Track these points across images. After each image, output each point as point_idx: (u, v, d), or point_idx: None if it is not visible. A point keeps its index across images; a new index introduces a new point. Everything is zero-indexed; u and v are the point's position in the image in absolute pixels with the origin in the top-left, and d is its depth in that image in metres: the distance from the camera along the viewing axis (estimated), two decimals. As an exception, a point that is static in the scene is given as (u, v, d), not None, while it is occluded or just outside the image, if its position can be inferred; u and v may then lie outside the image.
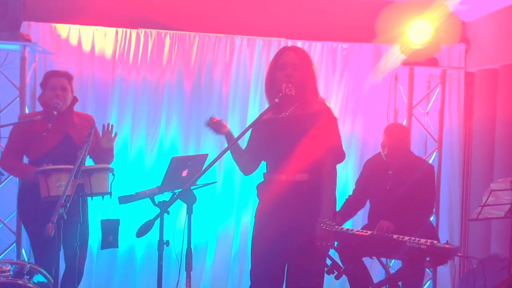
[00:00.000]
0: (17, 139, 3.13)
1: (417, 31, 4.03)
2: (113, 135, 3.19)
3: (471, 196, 4.43)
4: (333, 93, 4.34)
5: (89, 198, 3.12)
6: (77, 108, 3.45)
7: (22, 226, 3.65)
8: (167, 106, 4.16)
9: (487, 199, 3.24)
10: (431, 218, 4.02)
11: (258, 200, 2.68)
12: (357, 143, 4.36)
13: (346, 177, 4.33)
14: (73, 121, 3.19)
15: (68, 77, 3.22)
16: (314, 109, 2.52)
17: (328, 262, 3.42)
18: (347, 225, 3.54)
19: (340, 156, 2.58)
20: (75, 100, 3.26)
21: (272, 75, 2.55)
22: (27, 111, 3.71)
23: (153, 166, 4.15)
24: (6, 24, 3.52)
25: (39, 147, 3.06)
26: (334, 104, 4.34)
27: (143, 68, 4.13)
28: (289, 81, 2.48)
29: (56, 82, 3.14)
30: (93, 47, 4.06)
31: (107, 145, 3.21)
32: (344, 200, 3.70)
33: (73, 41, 4.02)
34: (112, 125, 3.20)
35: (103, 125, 3.19)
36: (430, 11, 4.43)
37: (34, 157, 3.10)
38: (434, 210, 3.85)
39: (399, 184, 3.46)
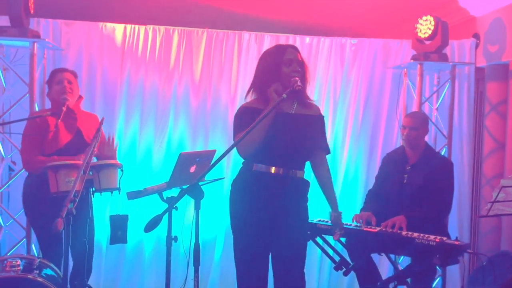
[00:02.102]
0: (32, 136, 3.12)
1: (427, 26, 4.00)
2: (114, 147, 3.21)
3: (480, 192, 4.40)
4: (341, 89, 4.32)
5: (108, 194, 3.14)
6: (86, 104, 3.49)
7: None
8: (175, 102, 4.17)
9: (497, 195, 3.21)
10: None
11: (241, 191, 2.64)
12: (366, 139, 4.34)
13: (355, 172, 4.32)
14: (81, 118, 3.23)
15: (73, 73, 3.28)
16: (315, 112, 2.70)
17: (337, 258, 3.43)
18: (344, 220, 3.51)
19: (328, 153, 2.80)
20: (80, 98, 3.30)
21: (277, 69, 2.55)
22: (36, 108, 3.73)
23: (162, 162, 4.15)
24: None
25: (53, 143, 3.08)
26: (343, 100, 4.33)
27: (151, 64, 4.13)
28: (297, 77, 2.52)
29: (62, 76, 3.19)
30: (102, 44, 4.07)
31: (108, 152, 3.22)
32: (366, 197, 3.68)
33: (82, 37, 4.03)
34: (114, 137, 3.22)
35: (108, 137, 3.20)
36: (440, 6, 4.40)
37: (48, 152, 3.12)
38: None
39: (416, 179, 3.44)
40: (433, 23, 3.97)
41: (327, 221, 3.41)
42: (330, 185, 2.72)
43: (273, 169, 2.56)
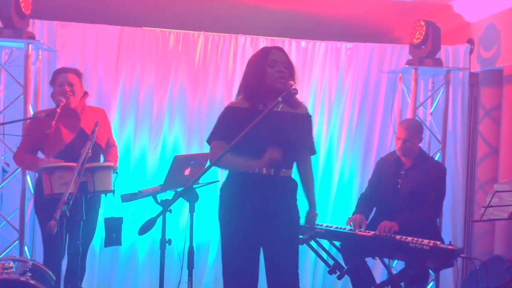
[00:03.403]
0: (28, 136, 3.17)
1: (422, 32, 4.02)
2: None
3: (474, 197, 4.42)
4: (336, 93, 4.33)
5: (103, 197, 3.15)
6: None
7: (25, 223, 3.68)
8: (170, 104, 4.16)
9: (491, 200, 3.23)
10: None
11: (234, 195, 2.62)
12: (361, 143, 4.35)
13: (350, 176, 4.33)
14: (86, 116, 3.21)
15: (76, 73, 3.27)
16: (301, 111, 2.67)
17: (331, 262, 3.43)
18: (339, 224, 3.53)
19: (314, 154, 2.78)
20: (86, 95, 3.29)
21: (261, 71, 2.56)
22: (31, 109, 3.72)
23: (156, 164, 4.14)
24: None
25: (55, 144, 3.07)
26: (338, 104, 4.34)
27: (147, 67, 4.12)
28: (282, 77, 2.54)
29: (63, 78, 3.19)
30: (97, 46, 4.05)
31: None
32: (358, 200, 3.69)
33: (78, 39, 4.02)
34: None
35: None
36: (435, 12, 4.43)
37: (50, 153, 3.12)
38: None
39: (410, 183, 3.45)
40: (431, 28, 3.98)
41: (321, 225, 3.42)
42: (312, 185, 2.74)
43: (264, 170, 2.54)
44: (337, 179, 4.32)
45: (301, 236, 2.78)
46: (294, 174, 2.71)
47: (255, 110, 2.51)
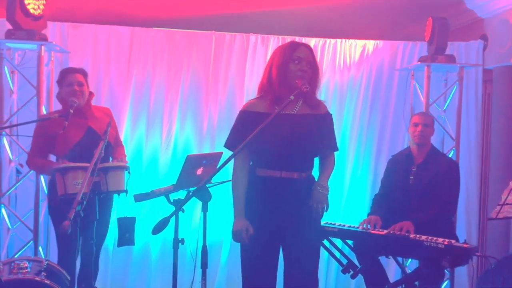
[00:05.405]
0: (39, 138, 3.19)
1: (434, 28, 3.98)
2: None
3: (489, 194, 4.37)
4: (348, 91, 4.31)
5: (115, 197, 3.16)
6: (93, 107, 3.49)
7: (40, 223, 3.71)
8: (182, 104, 4.17)
9: (507, 197, 3.19)
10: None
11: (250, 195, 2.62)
12: (373, 141, 4.33)
13: (362, 174, 4.31)
14: (93, 115, 3.24)
15: (83, 73, 3.28)
16: (321, 111, 2.61)
17: (344, 261, 3.41)
18: (351, 222, 3.50)
19: (336, 150, 2.73)
20: (91, 95, 3.31)
21: (284, 66, 2.51)
22: (44, 110, 3.74)
23: (168, 164, 4.16)
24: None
25: (64, 144, 3.10)
26: (349, 103, 4.32)
27: (158, 67, 4.14)
28: (303, 77, 2.48)
29: (72, 78, 3.20)
30: (108, 47, 4.08)
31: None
32: (372, 201, 3.66)
33: (89, 40, 4.05)
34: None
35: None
36: (447, 8, 4.38)
37: (60, 153, 3.14)
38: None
39: (422, 179, 3.43)
40: (443, 25, 3.94)
41: (334, 224, 3.41)
42: (327, 169, 2.63)
43: (276, 173, 2.52)
44: (349, 177, 4.30)
45: None
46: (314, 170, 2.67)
47: (269, 114, 2.43)
